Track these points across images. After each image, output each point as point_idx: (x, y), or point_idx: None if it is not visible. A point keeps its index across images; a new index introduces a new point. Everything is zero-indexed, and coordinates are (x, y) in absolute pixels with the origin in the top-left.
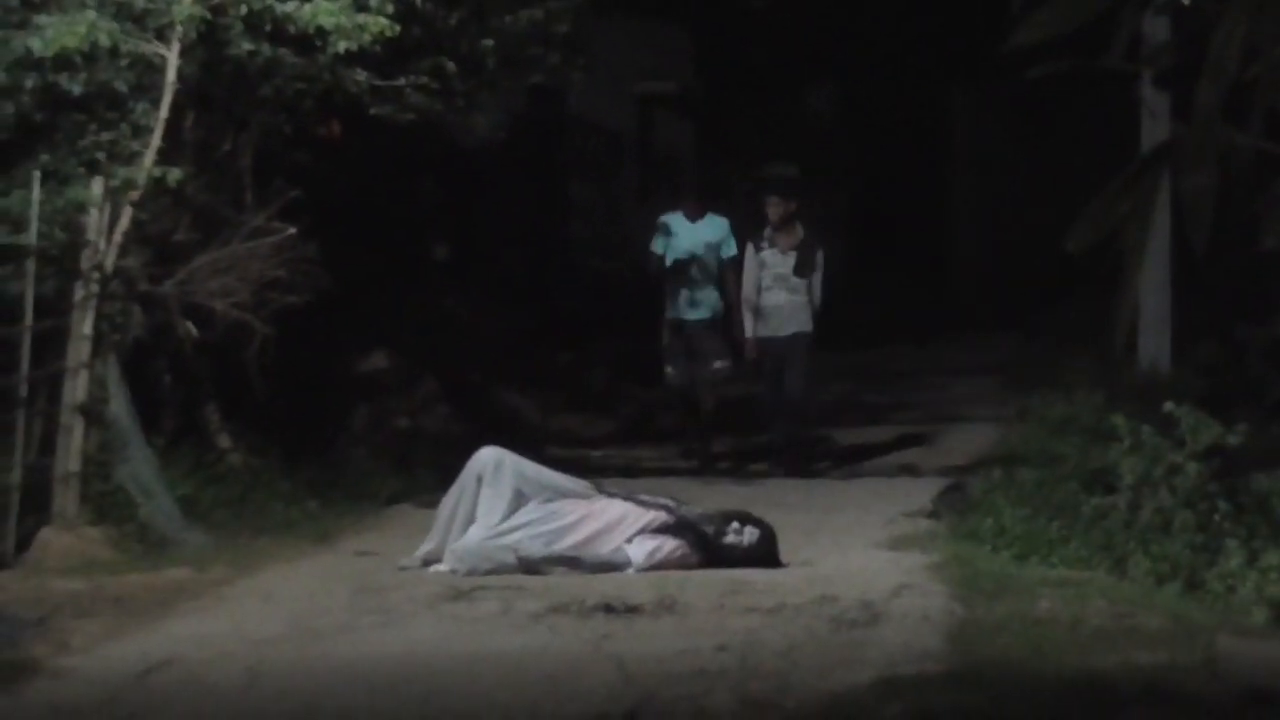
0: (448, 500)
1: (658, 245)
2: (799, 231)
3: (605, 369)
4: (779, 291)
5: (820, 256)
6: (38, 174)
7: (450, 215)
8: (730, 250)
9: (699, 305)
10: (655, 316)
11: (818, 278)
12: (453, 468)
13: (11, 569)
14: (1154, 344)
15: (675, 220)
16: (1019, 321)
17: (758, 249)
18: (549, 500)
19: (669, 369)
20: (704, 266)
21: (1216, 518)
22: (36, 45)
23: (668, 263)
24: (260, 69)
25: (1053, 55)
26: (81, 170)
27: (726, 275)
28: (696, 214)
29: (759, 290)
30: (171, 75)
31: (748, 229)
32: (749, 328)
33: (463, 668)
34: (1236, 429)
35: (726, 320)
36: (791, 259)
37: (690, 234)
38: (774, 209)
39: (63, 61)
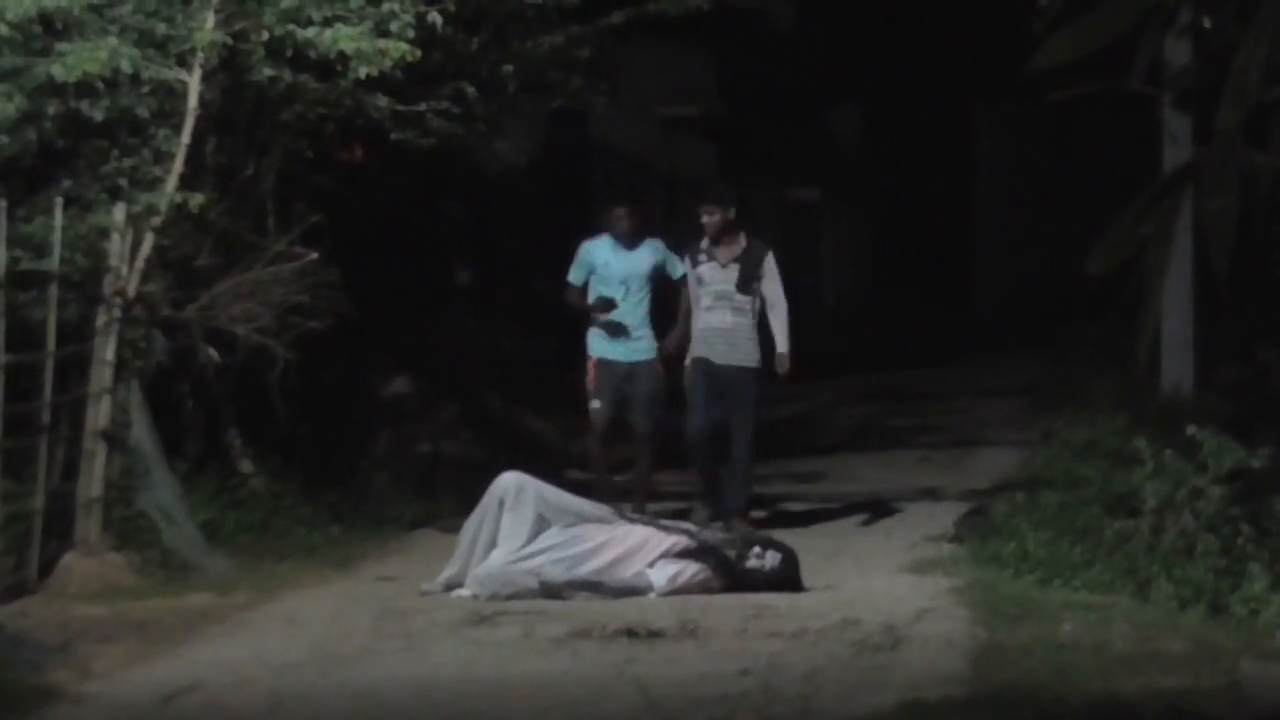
0: (469, 525)
1: (576, 275)
2: (741, 241)
3: None
4: (722, 311)
5: (769, 265)
6: (60, 200)
7: (473, 239)
8: (676, 271)
9: (634, 344)
10: (580, 354)
11: (776, 290)
12: (475, 492)
13: (34, 594)
14: (1177, 366)
15: (601, 246)
16: (1043, 343)
17: (694, 264)
18: (571, 525)
19: (596, 403)
20: (639, 299)
21: (1240, 541)
22: (58, 71)
23: (592, 296)
24: (282, 94)
25: (1075, 77)
26: (104, 196)
27: (680, 299)
28: (631, 238)
29: (697, 311)
30: (193, 101)
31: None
32: (684, 351)
33: (485, 692)
34: (1260, 452)
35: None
36: (734, 272)
37: (622, 262)
38: (709, 218)
39: (85, 88)
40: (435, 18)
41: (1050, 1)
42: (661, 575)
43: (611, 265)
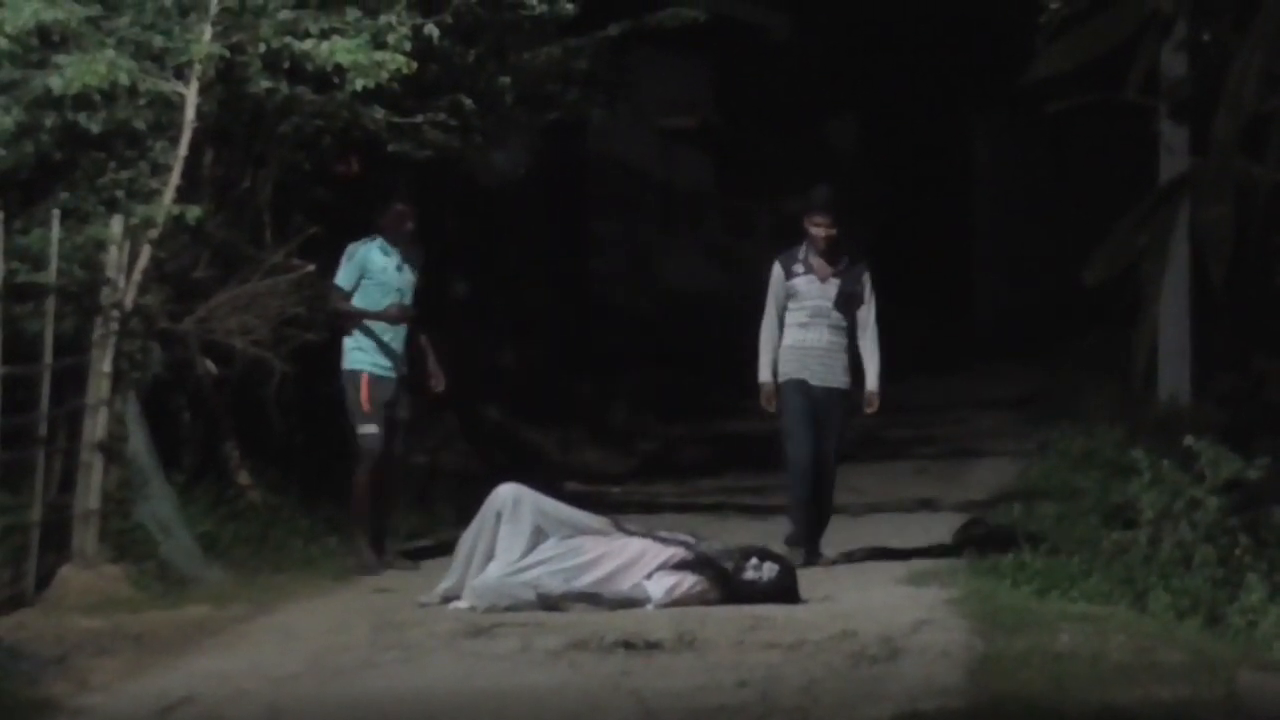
0: (467, 537)
1: (346, 279)
2: (843, 256)
3: (626, 404)
4: (819, 329)
5: (867, 280)
6: (57, 212)
7: (470, 251)
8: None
9: (402, 357)
10: (334, 366)
11: (870, 312)
12: (472, 504)
13: (31, 607)
14: (1173, 376)
15: (377, 249)
16: (1040, 353)
17: (788, 274)
18: (568, 537)
19: (369, 428)
20: (409, 309)
21: (1237, 552)
22: (56, 84)
23: (364, 303)
24: (279, 107)
25: (1073, 87)
26: (101, 208)
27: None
28: (408, 242)
29: (782, 326)
30: (190, 113)
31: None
32: (765, 371)
33: (483, 705)
34: (1257, 463)
35: (418, 372)
36: (832, 288)
37: (397, 270)
38: (821, 229)
39: (82, 100)
40: (432, 30)
41: (1049, 16)
42: (659, 587)
43: (390, 271)
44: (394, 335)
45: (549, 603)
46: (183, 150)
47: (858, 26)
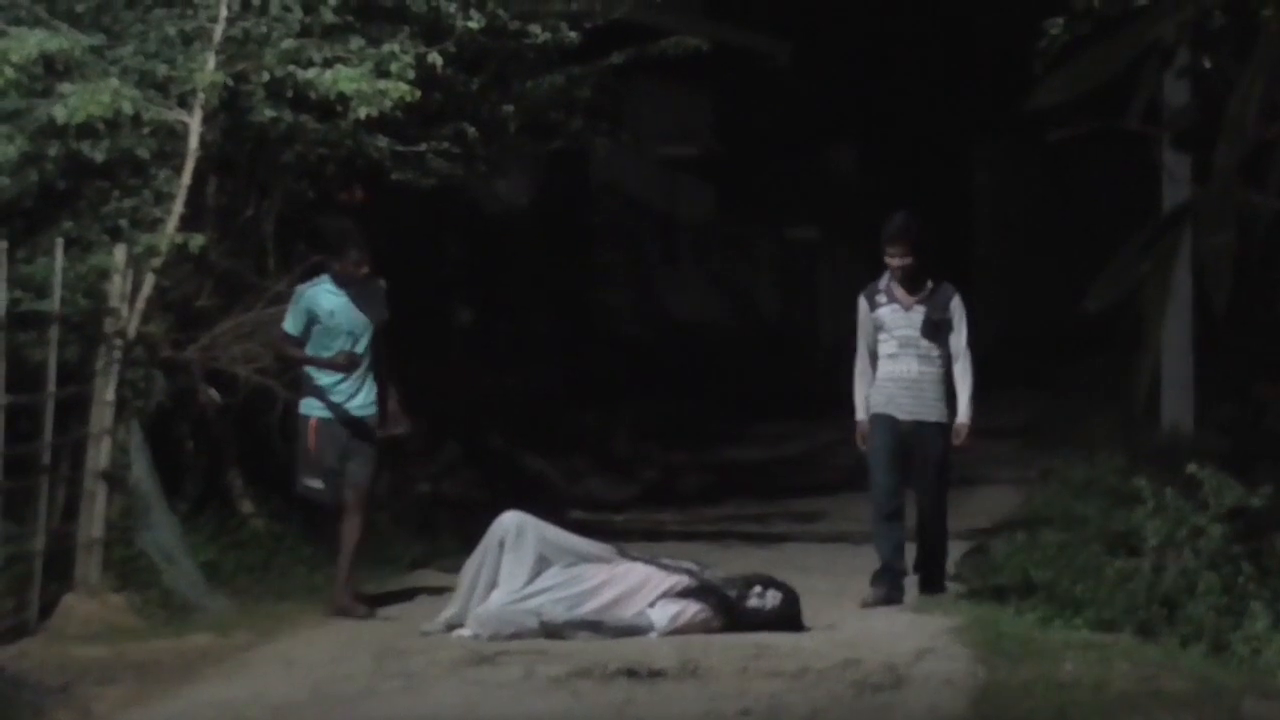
0: (470, 565)
1: (294, 325)
2: (927, 283)
3: (628, 432)
4: (907, 359)
5: (957, 308)
6: (61, 241)
7: (473, 279)
8: (384, 314)
9: (364, 398)
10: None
11: (961, 339)
12: (475, 532)
13: (34, 635)
14: (1176, 404)
15: (326, 293)
16: (1042, 381)
17: (872, 306)
18: (571, 565)
19: (313, 482)
20: (367, 352)
21: (1241, 580)
22: (60, 113)
23: (315, 349)
24: (282, 135)
25: (1074, 114)
26: (104, 237)
27: (382, 350)
28: (360, 280)
29: (874, 358)
30: (194, 142)
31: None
32: (860, 409)
33: None
34: (1260, 491)
35: (383, 413)
36: (918, 316)
37: (350, 312)
38: (894, 259)
39: (86, 129)
40: (435, 58)
41: (1049, 41)
42: (662, 615)
43: (338, 315)
44: (348, 379)
45: (552, 631)
46: (186, 179)
47: (858, 54)
